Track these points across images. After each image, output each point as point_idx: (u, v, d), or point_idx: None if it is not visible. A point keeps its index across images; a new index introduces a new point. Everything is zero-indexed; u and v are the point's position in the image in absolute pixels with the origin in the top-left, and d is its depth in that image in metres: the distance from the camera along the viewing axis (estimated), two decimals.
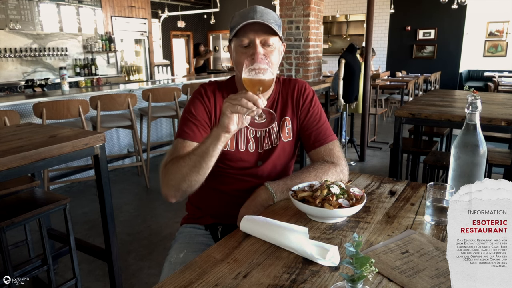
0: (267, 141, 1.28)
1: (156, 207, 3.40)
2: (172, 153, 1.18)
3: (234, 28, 1.16)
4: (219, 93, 1.27)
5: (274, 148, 1.28)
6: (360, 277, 0.68)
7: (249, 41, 1.15)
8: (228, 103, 0.96)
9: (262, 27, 1.14)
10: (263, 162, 1.28)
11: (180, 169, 1.08)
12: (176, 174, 1.09)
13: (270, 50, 1.17)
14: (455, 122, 2.36)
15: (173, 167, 1.10)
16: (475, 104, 0.97)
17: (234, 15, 1.21)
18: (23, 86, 6.06)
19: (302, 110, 1.31)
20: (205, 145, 1.04)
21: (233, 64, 1.25)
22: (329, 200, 0.98)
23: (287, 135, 1.30)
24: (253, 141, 1.27)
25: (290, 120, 1.30)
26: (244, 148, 1.26)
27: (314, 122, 1.30)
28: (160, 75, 9.38)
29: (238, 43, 1.16)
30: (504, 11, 9.36)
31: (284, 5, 4.59)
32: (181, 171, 1.08)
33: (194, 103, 1.25)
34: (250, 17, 1.13)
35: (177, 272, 0.80)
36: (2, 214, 1.64)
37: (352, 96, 4.89)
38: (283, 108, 1.31)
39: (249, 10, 1.16)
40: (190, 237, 1.31)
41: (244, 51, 1.16)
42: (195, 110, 1.23)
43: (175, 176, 1.09)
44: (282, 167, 1.32)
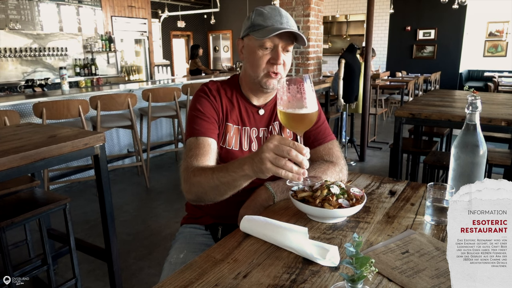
0: None
1: (156, 207, 3.40)
2: (188, 154, 1.13)
3: (257, 27, 1.14)
4: (222, 92, 1.26)
5: None
6: (360, 277, 0.68)
7: (273, 45, 1.14)
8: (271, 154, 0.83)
9: (288, 34, 1.14)
10: None
11: (202, 185, 1.03)
12: (198, 188, 1.05)
13: (288, 57, 1.18)
14: (455, 122, 2.36)
15: (196, 180, 1.04)
16: (475, 104, 0.97)
17: (254, 11, 1.18)
18: (23, 86, 6.06)
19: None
20: (232, 177, 0.95)
21: (244, 61, 1.23)
22: (329, 200, 0.98)
23: (288, 134, 1.31)
24: (256, 142, 1.27)
25: None
26: (247, 148, 1.26)
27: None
28: (160, 75, 9.39)
29: (258, 43, 1.14)
30: (504, 11, 9.36)
31: (284, 5, 4.59)
32: (203, 187, 1.03)
33: (200, 101, 1.22)
34: (278, 22, 1.13)
35: (177, 272, 0.80)
36: (2, 214, 1.64)
37: (352, 96, 4.90)
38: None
39: (275, 12, 1.15)
40: (190, 237, 1.31)
41: (264, 53, 1.15)
42: (203, 107, 1.20)
43: (197, 189, 1.05)
44: None
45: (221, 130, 1.23)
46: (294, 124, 0.89)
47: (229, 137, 1.23)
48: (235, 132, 1.24)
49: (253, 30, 1.15)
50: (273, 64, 1.15)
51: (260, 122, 1.28)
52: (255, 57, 1.16)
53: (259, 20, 1.15)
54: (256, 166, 0.86)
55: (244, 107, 1.26)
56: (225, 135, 1.23)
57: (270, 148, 0.83)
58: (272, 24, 1.13)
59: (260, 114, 1.27)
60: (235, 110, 1.25)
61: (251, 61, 1.18)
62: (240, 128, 1.25)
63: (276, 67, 1.16)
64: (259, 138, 1.27)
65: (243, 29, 1.20)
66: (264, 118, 1.28)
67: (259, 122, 1.27)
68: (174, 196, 3.65)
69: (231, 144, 1.23)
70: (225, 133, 1.23)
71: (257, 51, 1.15)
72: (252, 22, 1.16)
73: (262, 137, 1.28)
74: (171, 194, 3.70)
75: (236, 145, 1.24)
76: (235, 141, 1.24)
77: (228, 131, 1.23)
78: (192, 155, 1.11)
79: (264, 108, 1.28)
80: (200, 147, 1.14)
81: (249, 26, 1.17)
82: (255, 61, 1.16)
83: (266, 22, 1.13)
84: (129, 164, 4.30)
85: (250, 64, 1.19)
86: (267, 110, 1.28)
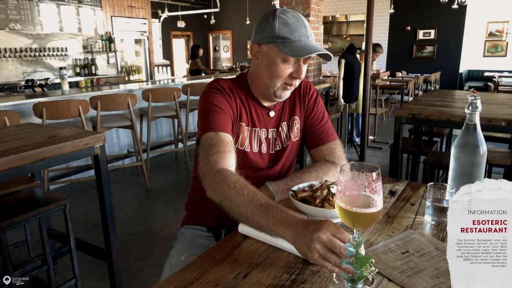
0: (278, 142, 1.29)
1: (156, 207, 3.40)
2: (210, 151, 1.05)
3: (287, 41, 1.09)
4: (235, 91, 1.22)
5: (285, 148, 1.30)
6: (360, 277, 0.68)
7: (295, 60, 1.12)
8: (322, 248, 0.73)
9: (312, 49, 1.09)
10: (274, 163, 1.29)
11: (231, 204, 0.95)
12: (226, 202, 0.96)
13: (306, 68, 1.17)
14: (455, 122, 2.36)
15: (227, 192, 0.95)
16: (475, 104, 0.97)
17: (277, 19, 1.11)
18: (23, 86, 6.06)
19: (307, 109, 1.32)
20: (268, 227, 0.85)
21: (260, 67, 1.17)
22: (329, 200, 0.98)
23: (296, 134, 1.31)
24: (265, 143, 1.27)
25: (298, 120, 1.32)
26: (257, 149, 1.25)
27: (318, 120, 1.32)
28: (160, 75, 9.39)
29: (282, 56, 1.10)
30: (504, 11, 9.36)
31: (284, 5, 4.59)
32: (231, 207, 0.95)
33: (214, 96, 1.17)
34: (304, 35, 1.10)
35: (177, 272, 0.80)
36: (2, 214, 1.64)
37: (352, 96, 4.90)
38: (292, 107, 1.31)
39: (299, 24, 1.11)
40: (192, 239, 1.30)
41: (286, 66, 1.13)
42: (218, 102, 1.15)
43: (224, 202, 0.97)
44: (289, 167, 1.34)
45: (234, 129, 1.20)
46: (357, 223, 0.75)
47: (243, 137, 1.22)
48: (247, 132, 1.24)
49: (278, 41, 1.10)
50: (294, 78, 1.14)
51: (270, 123, 1.28)
52: (276, 69, 1.13)
53: (284, 31, 1.10)
54: (301, 247, 0.77)
55: (254, 108, 1.25)
56: (238, 135, 1.21)
57: (322, 241, 0.73)
58: (299, 38, 1.10)
59: (271, 116, 1.27)
60: (246, 111, 1.24)
61: (270, 71, 1.14)
62: (250, 129, 1.25)
63: (295, 80, 1.15)
64: (268, 139, 1.27)
65: (263, 34, 1.13)
66: (274, 119, 1.28)
67: (268, 123, 1.27)
68: (174, 196, 3.65)
69: (244, 144, 1.22)
70: (239, 133, 1.21)
71: (279, 63, 1.12)
72: (277, 32, 1.10)
73: (271, 138, 1.28)
74: (171, 194, 3.70)
75: (248, 147, 1.24)
76: (248, 142, 1.23)
77: (242, 131, 1.22)
78: (215, 152, 1.04)
79: (274, 110, 1.28)
80: (222, 143, 1.07)
81: (273, 35, 1.11)
82: (275, 73, 1.13)
83: (293, 35, 1.09)
84: (129, 164, 4.30)
85: (268, 74, 1.15)
86: (276, 111, 1.28)
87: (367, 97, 4.52)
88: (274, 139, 1.28)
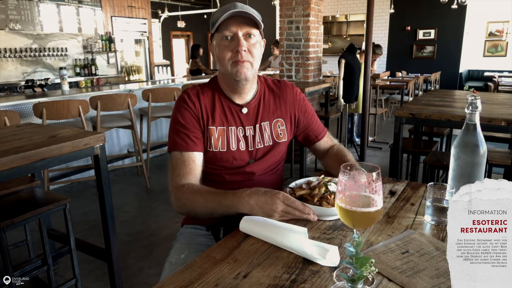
0: (259, 140, 1.29)
1: (156, 207, 3.40)
2: (175, 172, 1.18)
3: (216, 23, 1.16)
4: (202, 96, 1.26)
5: (267, 147, 1.31)
6: (360, 277, 0.68)
7: (232, 34, 1.15)
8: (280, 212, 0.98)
9: (244, 20, 1.15)
10: (255, 160, 1.30)
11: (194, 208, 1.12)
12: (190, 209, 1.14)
13: (253, 43, 1.18)
14: (455, 122, 2.36)
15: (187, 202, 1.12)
16: (475, 104, 0.97)
17: (214, 13, 1.21)
18: (23, 86, 6.05)
19: (299, 111, 1.36)
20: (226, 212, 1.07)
21: (216, 60, 1.24)
22: (327, 199, 0.98)
23: (281, 136, 1.32)
24: (243, 140, 1.28)
25: (283, 122, 1.33)
26: (235, 147, 1.27)
27: (311, 118, 1.39)
28: (160, 75, 9.39)
29: (220, 37, 1.17)
30: (504, 11, 9.36)
31: (284, 5, 4.58)
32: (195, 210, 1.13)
33: (180, 112, 1.23)
34: (232, 8, 1.14)
35: (177, 272, 0.80)
36: (2, 214, 1.64)
37: (352, 96, 4.89)
38: (275, 109, 1.32)
39: (230, 6, 1.16)
40: (191, 237, 1.31)
41: (226, 44, 1.16)
42: (184, 119, 1.22)
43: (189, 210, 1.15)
44: (275, 165, 1.36)
45: (205, 135, 1.24)
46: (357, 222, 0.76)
47: (215, 140, 1.24)
48: (221, 133, 1.25)
49: (213, 26, 1.18)
50: (237, 52, 1.15)
51: (246, 120, 1.28)
52: (220, 52, 1.18)
53: (215, 16, 1.17)
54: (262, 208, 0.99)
55: (227, 106, 1.27)
56: (210, 139, 1.24)
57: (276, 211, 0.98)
58: (227, 11, 1.14)
59: (244, 112, 1.28)
60: (218, 111, 1.25)
61: (218, 57, 1.20)
62: (225, 128, 1.26)
63: (240, 54, 1.15)
64: (246, 136, 1.28)
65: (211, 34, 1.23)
66: (249, 117, 1.28)
67: (244, 121, 1.28)
68: None
69: (218, 146, 1.24)
70: (209, 137, 1.24)
71: (220, 45, 1.18)
72: (212, 21, 1.19)
73: (249, 136, 1.28)
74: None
75: (224, 146, 1.25)
76: (221, 143, 1.25)
77: (212, 134, 1.24)
78: (179, 173, 1.17)
79: (247, 107, 1.28)
80: (185, 164, 1.18)
81: (211, 25, 1.20)
82: (221, 55, 1.18)
83: (222, 13, 1.14)
84: (129, 164, 4.30)
85: (219, 60, 1.21)
86: (250, 109, 1.29)
87: (367, 97, 4.52)
88: (252, 137, 1.28)
